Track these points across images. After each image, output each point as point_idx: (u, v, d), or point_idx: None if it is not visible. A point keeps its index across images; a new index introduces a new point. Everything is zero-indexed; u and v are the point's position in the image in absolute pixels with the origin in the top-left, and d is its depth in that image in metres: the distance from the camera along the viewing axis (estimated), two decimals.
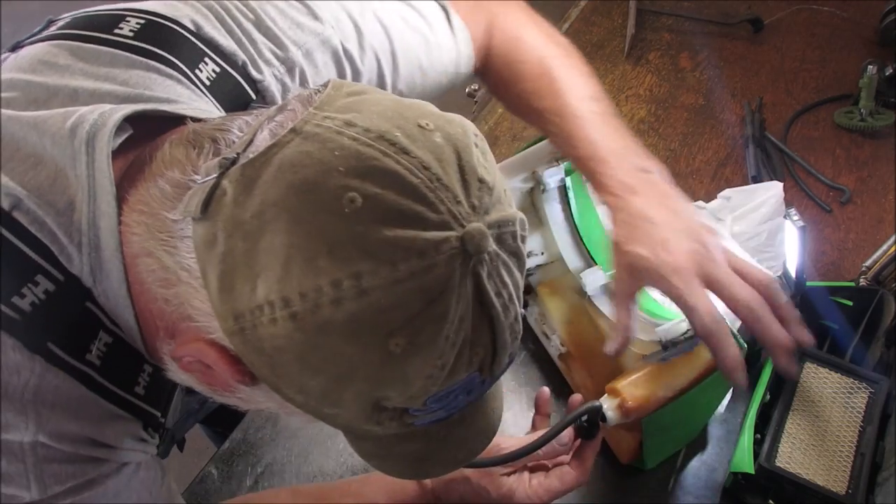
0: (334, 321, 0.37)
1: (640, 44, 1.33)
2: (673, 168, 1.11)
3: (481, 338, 0.40)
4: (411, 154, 0.38)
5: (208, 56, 0.55)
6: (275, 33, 0.59)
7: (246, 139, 0.42)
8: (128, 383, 0.49)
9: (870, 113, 1.14)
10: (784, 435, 0.74)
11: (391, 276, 0.36)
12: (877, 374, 0.79)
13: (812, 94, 1.22)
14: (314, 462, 0.82)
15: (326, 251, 0.36)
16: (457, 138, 0.41)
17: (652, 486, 0.78)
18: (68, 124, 0.45)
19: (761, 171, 1.07)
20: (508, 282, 0.41)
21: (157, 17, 0.54)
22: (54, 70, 0.50)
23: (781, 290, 0.61)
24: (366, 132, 0.38)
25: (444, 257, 0.37)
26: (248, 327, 0.38)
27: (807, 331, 0.61)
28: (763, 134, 1.13)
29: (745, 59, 1.29)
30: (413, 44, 0.68)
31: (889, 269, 0.84)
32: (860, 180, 1.08)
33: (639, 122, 1.19)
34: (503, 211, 0.41)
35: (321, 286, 0.36)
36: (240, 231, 0.38)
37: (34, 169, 0.45)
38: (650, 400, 0.64)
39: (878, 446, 0.74)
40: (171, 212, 0.43)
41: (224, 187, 0.39)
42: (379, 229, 0.36)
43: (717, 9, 1.38)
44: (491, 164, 0.42)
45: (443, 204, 0.38)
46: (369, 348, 0.37)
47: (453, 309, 0.38)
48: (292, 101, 0.43)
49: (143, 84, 0.51)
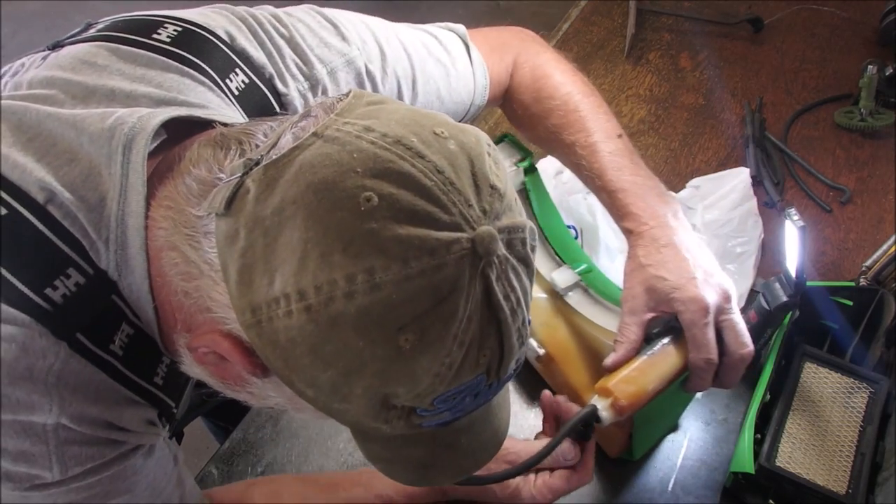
0: (346, 314, 0.38)
1: (640, 44, 1.33)
2: (673, 168, 1.11)
3: (489, 340, 0.41)
4: (426, 158, 0.39)
5: (239, 67, 0.57)
6: (303, 50, 0.62)
7: (270, 142, 0.43)
8: (148, 373, 0.51)
9: (870, 113, 1.14)
10: (784, 435, 0.75)
11: (402, 272, 0.37)
12: (877, 374, 0.79)
13: (812, 94, 1.22)
14: (314, 462, 0.82)
15: (342, 247, 0.37)
16: (470, 147, 0.42)
17: (652, 485, 0.78)
18: (107, 124, 0.47)
19: (761, 171, 1.07)
20: (517, 286, 0.42)
21: (192, 26, 0.56)
22: (93, 69, 0.52)
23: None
24: (383, 137, 0.40)
25: (454, 257, 0.38)
26: (264, 320, 0.40)
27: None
28: (763, 134, 1.13)
29: (745, 59, 1.29)
30: (434, 73, 0.71)
31: (889, 269, 0.84)
32: (860, 180, 1.08)
33: (639, 122, 1.19)
34: (513, 218, 0.42)
35: (335, 280, 0.37)
36: (260, 227, 0.40)
37: (69, 165, 0.47)
38: (641, 395, 0.65)
39: (878, 446, 0.74)
40: (196, 208, 0.44)
41: (247, 186, 0.41)
42: (392, 227, 0.38)
43: (717, 9, 1.38)
44: (503, 173, 0.43)
45: (455, 206, 0.39)
46: (379, 343, 0.38)
47: (462, 308, 0.39)
48: (315, 108, 0.45)
49: (176, 88, 0.53)
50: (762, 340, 0.82)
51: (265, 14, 0.62)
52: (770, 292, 0.77)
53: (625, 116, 1.20)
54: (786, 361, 0.81)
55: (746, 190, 0.90)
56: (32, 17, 2.88)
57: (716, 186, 0.92)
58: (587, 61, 1.29)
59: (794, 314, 0.82)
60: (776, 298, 0.76)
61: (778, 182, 1.07)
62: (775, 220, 1.02)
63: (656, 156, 1.14)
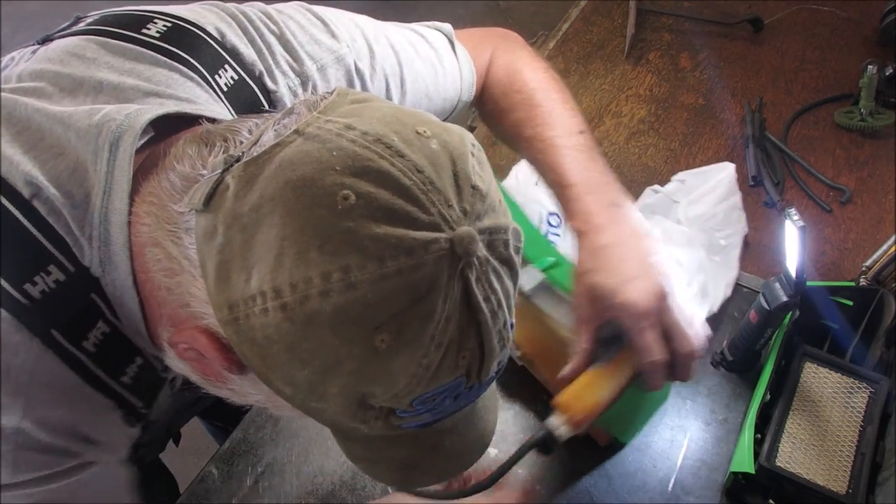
0: (322, 312, 0.38)
1: (640, 44, 1.33)
2: (672, 168, 1.11)
3: (468, 342, 0.41)
4: (406, 157, 0.39)
5: (228, 63, 0.57)
6: (293, 46, 0.62)
7: (253, 139, 0.43)
8: (116, 371, 0.51)
9: (870, 113, 1.14)
10: (784, 435, 0.75)
11: (379, 271, 0.37)
12: (877, 374, 0.79)
13: (812, 94, 1.22)
14: (314, 462, 0.82)
15: (318, 245, 0.37)
16: (453, 146, 0.42)
17: (652, 485, 0.78)
18: (94, 120, 0.47)
19: (761, 171, 1.07)
20: (498, 288, 0.42)
21: (182, 22, 0.56)
22: (82, 62, 0.52)
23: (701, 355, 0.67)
24: (364, 135, 0.40)
25: (432, 257, 0.38)
26: (241, 317, 0.40)
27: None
28: (763, 134, 1.13)
29: (745, 59, 1.29)
30: (422, 71, 0.71)
31: (889, 269, 0.84)
32: (860, 180, 1.08)
33: (639, 122, 1.19)
34: (496, 219, 0.42)
35: (311, 278, 0.37)
36: (238, 224, 0.39)
37: (55, 159, 0.47)
38: (595, 407, 0.65)
39: (878, 446, 0.74)
40: (178, 204, 0.44)
41: (227, 182, 0.41)
42: (370, 226, 0.37)
43: (717, 9, 1.38)
44: (486, 174, 0.43)
45: (434, 206, 0.39)
46: (355, 341, 0.38)
47: (440, 309, 0.39)
48: (299, 105, 0.44)
49: (165, 82, 0.53)
50: (762, 340, 0.82)
51: (255, 11, 0.62)
52: (770, 292, 0.77)
53: (625, 116, 1.20)
54: (786, 361, 0.81)
55: (732, 185, 0.91)
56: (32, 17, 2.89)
57: (701, 181, 0.93)
58: (587, 61, 1.29)
59: (794, 314, 0.82)
60: (776, 298, 0.76)
61: (778, 182, 1.07)
62: (775, 220, 1.02)
63: (656, 156, 1.14)
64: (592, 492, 0.78)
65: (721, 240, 0.90)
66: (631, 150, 1.15)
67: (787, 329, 0.82)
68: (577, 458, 0.80)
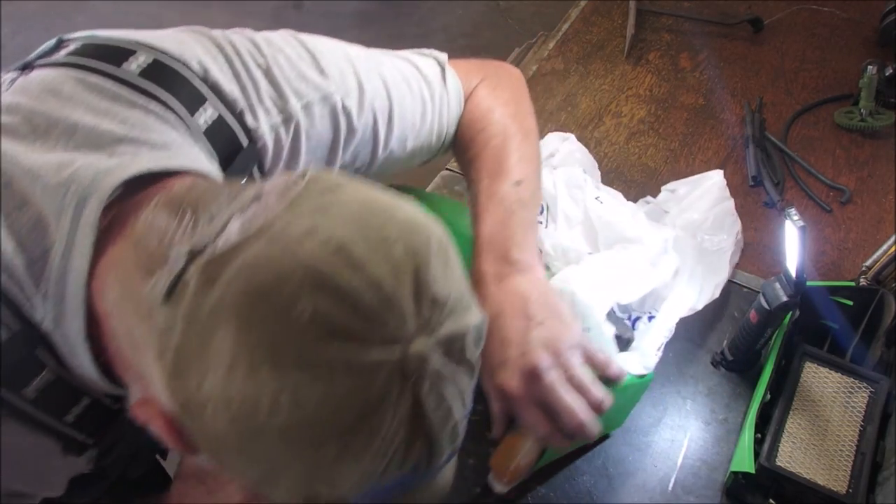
0: (270, 428, 0.38)
1: (640, 44, 1.33)
2: (672, 168, 1.11)
3: (415, 446, 0.41)
4: (366, 271, 0.39)
5: (209, 101, 0.56)
6: (279, 82, 0.61)
7: (218, 226, 0.43)
8: (58, 413, 0.51)
9: (870, 113, 1.14)
10: (784, 434, 0.75)
11: (327, 391, 0.38)
12: (877, 374, 0.79)
13: (812, 94, 1.22)
14: None
15: (270, 361, 0.38)
16: (417, 250, 0.41)
17: (652, 485, 0.78)
18: (63, 177, 0.47)
19: (761, 171, 1.07)
20: (450, 394, 0.42)
21: (165, 56, 0.55)
22: (58, 100, 0.51)
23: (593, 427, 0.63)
24: (326, 243, 0.39)
25: (382, 376, 0.38)
26: (194, 415, 0.40)
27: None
28: (763, 134, 1.13)
29: (745, 59, 1.29)
30: (412, 108, 0.71)
31: (889, 269, 0.84)
32: (860, 180, 1.08)
33: (639, 122, 1.19)
34: (456, 323, 0.42)
35: (260, 396, 0.38)
36: (195, 327, 0.40)
37: (18, 210, 0.46)
38: (520, 469, 0.67)
39: (878, 446, 0.74)
40: (142, 283, 0.44)
41: (187, 280, 0.41)
42: (322, 345, 0.38)
43: (717, 9, 1.38)
44: (451, 274, 0.43)
45: (389, 324, 0.39)
46: (302, 455, 0.39)
47: (387, 423, 0.39)
48: (268, 192, 0.44)
49: (140, 125, 0.52)
50: (762, 340, 0.82)
51: (244, 42, 0.60)
52: (770, 292, 0.77)
53: (625, 116, 1.20)
54: (786, 361, 0.81)
55: (722, 191, 0.92)
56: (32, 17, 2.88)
57: (691, 189, 0.94)
58: (587, 61, 1.29)
59: (794, 314, 0.82)
60: (776, 298, 0.76)
61: (778, 182, 1.07)
62: (775, 220, 1.02)
63: (656, 156, 1.14)
64: (592, 492, 0.78)
65: (713, 244, 0.90)
66: (631, 151, 1.15)
67: (787, 329, 0.82)
68: (578, 458, 0.80)
